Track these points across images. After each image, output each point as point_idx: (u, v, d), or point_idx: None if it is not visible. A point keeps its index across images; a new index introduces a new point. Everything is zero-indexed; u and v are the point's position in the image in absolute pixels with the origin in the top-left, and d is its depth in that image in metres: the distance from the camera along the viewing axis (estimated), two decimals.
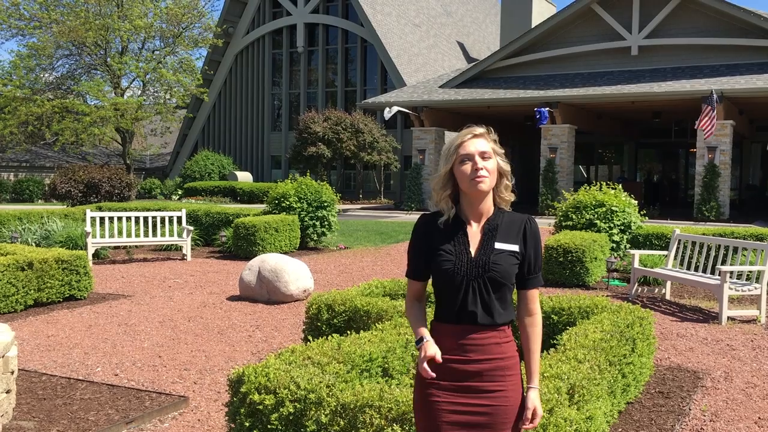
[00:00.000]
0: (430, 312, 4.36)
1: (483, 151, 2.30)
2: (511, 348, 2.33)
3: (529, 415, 2.34)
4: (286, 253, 12.38)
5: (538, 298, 2.42)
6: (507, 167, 2.36)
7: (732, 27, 21.91)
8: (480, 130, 2.37)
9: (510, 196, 2.38)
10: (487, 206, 2.37)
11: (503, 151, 2.38)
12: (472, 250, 2.32)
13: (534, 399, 2.36)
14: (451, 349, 2.30)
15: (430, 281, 2.44)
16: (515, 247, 2.33)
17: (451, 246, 2.32)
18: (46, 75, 36.47)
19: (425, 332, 2.33)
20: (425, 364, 2.25)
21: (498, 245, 2.32)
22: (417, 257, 2.41)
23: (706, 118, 19.19)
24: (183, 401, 4.63)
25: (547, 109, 22.40)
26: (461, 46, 43.30)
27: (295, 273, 8.26)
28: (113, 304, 8.10)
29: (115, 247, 12.92)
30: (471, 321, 2.29)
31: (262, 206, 15.72)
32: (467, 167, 2.29)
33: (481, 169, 2.28)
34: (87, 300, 8.28)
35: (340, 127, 31.01)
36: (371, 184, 35.36)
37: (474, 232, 2.35)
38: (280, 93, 39.35)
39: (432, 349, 2.26)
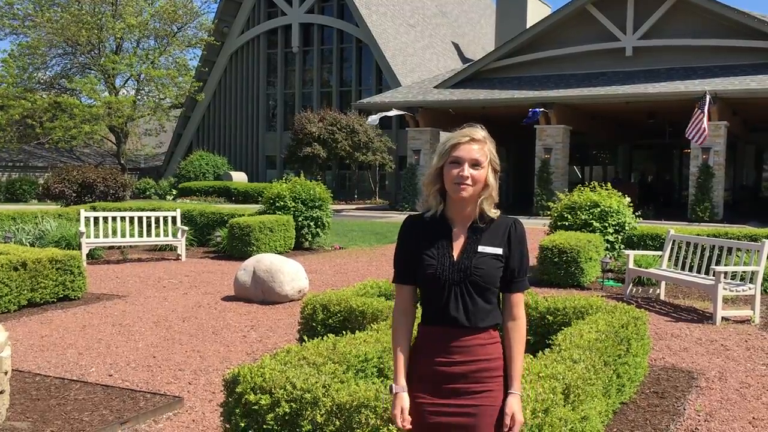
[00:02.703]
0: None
1: (475, 159, 2.25)
2: (497, 349, 2.31)
3: (508, 422, 2.24)
4: (281, 253, 12.36)
5: (522, 303, 2.36)
6: (494, 183, 2.29)
7: (726, 28, 21.99)
8: (479, 134, 2.29)
9: (492, 211, 2.31)
10: (474, 209, 2.31)
11: (498, 161, 2.30)
12: (455, 254, 2.29)
13: (513, 404, 2.27)
14: (436, 351, 2.28)
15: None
16: (498, 251, 2.29)
17: (434, 250, 2.29)
18: (40, 74, 36.32)
19: (400, 378, 2.31)
20: (399, 417, 2.27)
21: (481, 248, 2.28)
22: (403, 259, 2.37)
23: (694, 125, 18.99)
24: (178, 401, 4.61)
25: (541, 109, 22.44)
26: (456, 46, 43.34)
27: (290, 273, 8.24)
28: (107, 304, 8.08)
29: (110, 247, 12.88)
30: (453, 325, 2.27)
31: (257, 206, 15.69)
32: (455, 171, 2.24)
33: (468, 177, 2.23)
34: (81, 300, 8.25)
35: (336, 127, 30.98)
36: (366, 184, 35.35)
37: (458, 235, 2.32)
38: (275, 93, 39.29)
39: (398, 408, 2.27)
